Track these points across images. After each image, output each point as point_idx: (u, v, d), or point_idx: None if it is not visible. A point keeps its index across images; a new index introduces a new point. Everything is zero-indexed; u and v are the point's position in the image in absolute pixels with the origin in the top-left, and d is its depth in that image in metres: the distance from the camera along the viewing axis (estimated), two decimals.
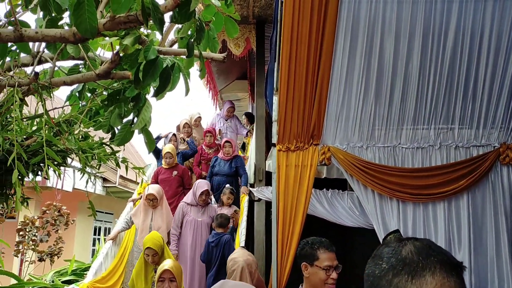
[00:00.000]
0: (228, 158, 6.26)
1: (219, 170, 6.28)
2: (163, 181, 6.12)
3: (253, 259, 2.88)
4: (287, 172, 4.40)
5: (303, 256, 2.28)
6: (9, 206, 2.74)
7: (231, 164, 6.27)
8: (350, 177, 4.48)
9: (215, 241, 4.72)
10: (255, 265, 2.83)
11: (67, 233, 8.40)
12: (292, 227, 4.30)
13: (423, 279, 0.93)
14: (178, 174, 6.18)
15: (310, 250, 2.29)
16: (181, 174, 6.22)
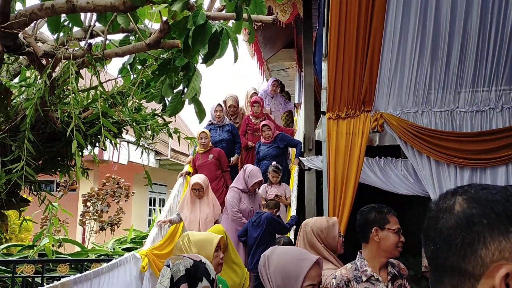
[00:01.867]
0: (270, 141, 6.08)
1: (264, 154, 6.09)
2: (200, 167, 5.92)
3: (327, 225, 2.81)
4: (337, 141, 4.31)
5: (373, 221, 2.25)
6: (71, 177, 2.87)
7: (275, 144, 6.07)
8: (404, 144, 4.34)
9: (257, 220, 4.65)
10: (326, 231, 2.76)
11: (125, 204, 8.79)
12: (344, 196, 4.24)
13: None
14: (214, 157, 5.94)
15: (380, 215, 2.27)
16: (218, 156, 5.97)
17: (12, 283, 4.50)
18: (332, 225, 2.79)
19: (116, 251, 5.89)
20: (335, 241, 2.75)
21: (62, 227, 3.84)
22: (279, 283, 1.66)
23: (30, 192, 2.77)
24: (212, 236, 2.66)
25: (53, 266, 4.94)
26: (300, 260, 1.68)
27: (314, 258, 1.68)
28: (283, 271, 1.67)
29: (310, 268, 1.64)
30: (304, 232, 2.82)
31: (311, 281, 1.64)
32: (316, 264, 1.67)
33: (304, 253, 1.76)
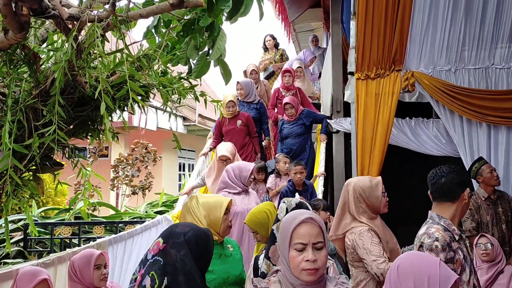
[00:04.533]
0: (294, 118, 5.70)
1: (288, 133, 5.70)
2: (228, 132, 5.67)
3: (370, 184, 2.80)
4: (366, 101, 4.22)
5: (468, 181, 2.28)
6: (102, 141, 2.92)
7: (300, 122, 5.71)
8: (436, 103, 4.21)
9: None
10: (368, 190, 2.77)
11: (155, 169, 8.97)
12: (372, 158, 4.18)
13: None
14: (243, 124, 5.63)
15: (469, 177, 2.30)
16: (246, 122, 5.66)
17: (51, 244, 4.72)
18: (376, 184, 2.78)
19: (149, 214, 6.06)
20: (378, 201, 2.74)
21: (95, 191, 3.97)
22: (280, 244, 1.66)
23: (63, 157, 2.85)
24: (221, 199, 2.66)
25: (89, 228, 5.14)
26: (291, 219, 1.62)
27: (304, 217, 1.59)
28: (281, 231, 1.66)
29: (297, 225, 1.57)
30: (346, 191, 2.82)
31: (300, 239, 1.55)
32: (307, 222, 1.57)
33: (302, 212, 1.66)
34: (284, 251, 1.59)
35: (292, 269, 1.55)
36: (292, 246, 1.56)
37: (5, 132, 2.21)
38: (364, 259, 2.59)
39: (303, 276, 1.54)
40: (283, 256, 1.60)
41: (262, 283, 1.62)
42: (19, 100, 2.29)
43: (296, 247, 1.55)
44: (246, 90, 6.05)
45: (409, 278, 1.39)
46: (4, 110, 2.30)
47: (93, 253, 2.90)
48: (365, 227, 2.66)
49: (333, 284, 1.60)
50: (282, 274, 1.62)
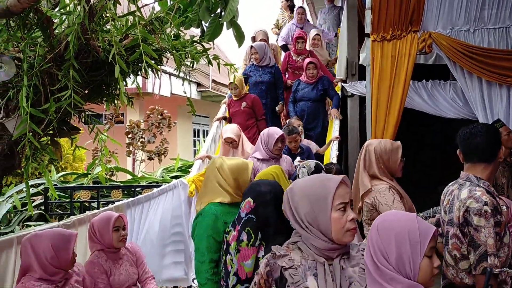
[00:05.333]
0: (313, 81, 5.57)
1: (303, 95, 5.55)
2: (234, 114, 5.60)
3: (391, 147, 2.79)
4: (382, 64, 4.14)
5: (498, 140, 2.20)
6: (117, 106, 2.95)
7: (317, 87, 5.57)
8: (454, 65, 4.12)
9: None
10: (389, 153, 2.75)
11: (170, 135, 9.05)
12: (387, 122, 4.14)
13: None
14: (247, 106, 5.49)
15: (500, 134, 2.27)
16: (251, 104, 5.49)
17: (71, 207, 4.86)
18: (396, 148, 2.78)
19: (165, 179, 6.16)
20: (396, 165, 2.75)
21: (112, 156, 4.05)
22: (307, 209, 1.53)
23: (79, 122, 2.89)
24: (246, 162, 2.65)
25: (107, 192, 5.26)
26: (326, 181, 1.55)
27: (340, 177, 1.55)
28: (309, 195, 1.54)
29: (337, 186, 1.52)
30: (366, 151, 2.81)
31: (341, 200, 1.51)
32: (342, 183, 1.54)
33: (326, 175, 1.63)
34: (320, 215, 1.51)
35: (335, 231, 1.49)
36: (334, 208, 1.50)
37: (22, 96, 2.24)
38: None
39: (346, 237, 1.51)
40: (314, 222, 1.52)
41: (281, 250, 1.57)
42: (34, 65, 2.31)
43: (339, 207, 1.51)
44: (260, 53, 5.94)
45: (390, 235, 1.40)
46: (20, 75, 2.32)
47: (112, 216, 2.98)
48: (386, 185, 2.66)
49: (355, 251, 1.58)
50: (302, 241, 1.57)
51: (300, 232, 1.56)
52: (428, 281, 1.38)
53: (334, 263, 1.52)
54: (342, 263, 1.53)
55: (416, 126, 5.46)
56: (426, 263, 1.37)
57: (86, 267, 2.85)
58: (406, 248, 1.37)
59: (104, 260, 2.91)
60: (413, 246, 1.36)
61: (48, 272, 2.45)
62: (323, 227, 1.50)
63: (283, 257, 1.54)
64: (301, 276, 1.50)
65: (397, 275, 1.37)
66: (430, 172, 6.47)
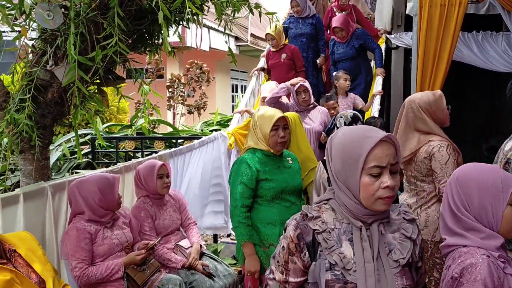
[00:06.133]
0: (345, 40, 5.30)
1: (340, 56, 5.35)
2: (273, 66, 5.45)
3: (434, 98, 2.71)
4: (430, 13, 3.94)
5: None
6: (159, 55, 2.97)
7: (351, 44, 5.29)
8: (508, 14, 3.88)
9: None
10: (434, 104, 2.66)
11: (209, 90, 9.11)
12: (434, 76, 3.98)
13: None
14: (287, 57, 5.30)
15: None
16: (291, 56, 5.31)
17: (117, 156, 5.06)
18: (439, 97, 2.69)
19: (204, 132, 6.27)
20: (444, 114, 2.68)
21: (154, 108, 4.12)
22: (338, 167, 1.35)
23: (124, 71, 2.95)
24: (274, 114, 2.64)
25: (150, 143, 5.43)
26: (363, 138, 1.31)
27: (381, 135, 1.30)
28: (343, 152, 1.34)
29: (374, 146, 1.28)
30: (409, 108, 2.70)
31: (376, 162, 1.29)
32: (383, 142, 1.30)
33: (370, 129, 1.37)
34: (350, 177, 1.32)
35: (364, 198, 1.31)
36: (365, 171, 1.30)
37: (70, 44, 2.30)
38: (435, 172, 2.55)
39: (378, 206, 1.31)
40: (345, 183, 1.35)
41: (312, 211, 1.38)
42: (80, 13, 2.34)
43: (371, 171, 1.30)
44: (302, 5, 5.68)
45: (471, 185, 1.39)
46: (67, 23, 2.37)
47: (156, 164, 3.09)
48: (445, 142, 2.59)
49: (396, 213, 1.42)
50: (335, 200, 1.40)
51: (335, 188, 1.40)
52: (510, 230, 1.38)
53: (372, 228, 1.35)
54: (381, 228, 1.37)
55: (464, 79, 5.24)
56: (509, 212, 1.36)
57: (133, 211, 2.99)
58: (489, 198, 1.37)
59: (149, 205, 3.04)
60: (496, 195, 1.36)
61: (97, 214, 2.60)
62: (353, 190, 1.33)
63: (315, 219, 1.37)
64: (336, 241, 1.35)
65: (478, 224, 1.38)
66: (475, 129, 6.27)
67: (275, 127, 2.60)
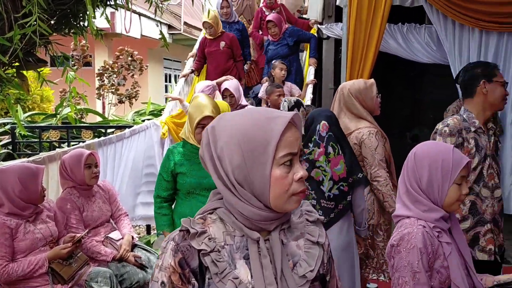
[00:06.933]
0: (278, 38, 5.25)
1: (273, 54, 5.24)
2: (210, 54, 5.23)
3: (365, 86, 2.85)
4: (359, 5, 4.07)
5: (480, 74, 2.27)
6: (85, 37, 2.81)
7: (284, 42, 5.24)
8: (430, 7, 4.10)
9: None
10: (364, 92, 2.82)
11: (141, 79, 8.82)
12: (363, 65, 4.14)
13: None
14: (226, 45, 5.14)
15: (487, 69, 2.29)
16: (230, 44, 5.17)
17: (40, 147, 4.75)
18: (370, 86, 2.85)
19: (136, 122, 6.07)
20: (373, 102, 2.83)
21: (82, 96, 3.92)
22: (236, 161, 1.00)
23: (46, 53, 2.75)
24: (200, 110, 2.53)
25: (77, 134, 5.15)
26: (270, 120, 1.01)
27: (290, 114, 1.03)
28: (244, 140, 1.00)
29: (285, 128, 1.00)
30: (341, 94, 2.86)
31: (288, 149, 1.01)
32: (292, 124, 1.03)
33: (272, 110, 1.07)
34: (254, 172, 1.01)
35: (276, 197, 1.01)
36: (276, 162, 1.00)
37: None
38: (366, 158, 2.71)
39: (290, 204, 1.03)
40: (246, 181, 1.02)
41: (195, 225, 1.04)
42: None
43: (284, 160, 1.01)
44: (231, 7, 5.59)
45: (424, 162, 1.51)
46: None
47: (83, 153, 2.94)
48: (374, 129, 2.75)
49: (297, 215, 1.14)
50: (225, 208, 1.07)
51: (224, 193, 1.05)
52: (452, 205, 1.51)
53: (272, 238, 1.05)
54: (282, 236, 1.08)
55: (391, 71, 5.49)
56: (454, 190, 1.49)
57: (58, 203, 2.83)
58: (438, 175, 1.49)
59: (76, 197, 2.89)
60: (445, 174, 1.49)
61: (18, 206, 2.43)
62: (258, 189, 1.01)
63: (199, 235, 1.03)
64: (228, 262, 1.03)
65: (423, 198, 1.51)
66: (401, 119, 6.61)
67: (201, 125, 2.46)
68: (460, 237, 1.54)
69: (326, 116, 2.58)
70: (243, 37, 5.60)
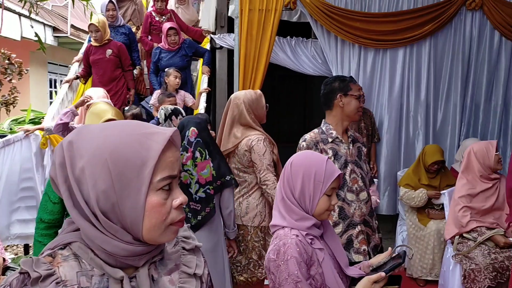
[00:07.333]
0: (176, 47, 5.07)
1: (169, 64, 4.96)
2: (95, 62, 4.92)
3: (255, 96, 3.00)
4: (250, 17, 4.18)
5: (337, 88, 2.43)
6: None
7: (182, 53, 5.10)
8: (315, 23, 4.34)
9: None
10: (256, 102, 2.97)
11: (21, 85, 8.05)
12: (255, 76, 4.24)
13: None
14: (113, 54, 4.90)
15: (343, 83, 2.45)
16: (118, 53, 4.93)
17: None
18: (260, 96, 3.02)
19: (14, 131, 5.52)
20: (263, 111, 3.01)
21: None
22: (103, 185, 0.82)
23: None
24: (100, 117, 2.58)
25: None
26: (146, 136, 0.85)
27: (169, 130, 0.87)
28: (113, 160, 0.82)
29: (165, 147, 0.85)
30: (235, 104, 2.95)
31: (168, 171, 0.86)
32: (171, 143, 0.87)
33: (147, 124, 0.90)
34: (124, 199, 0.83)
35: (151, 227, 0.85)
36: (153, 187, 0.84)
37: None
38: (255, 163, 2.82)
39: (167, 236, 0.88)
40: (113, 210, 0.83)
41: (39, 266, 0.83)
42: None
43: (162, 185, 0.85)
44: (117, 11, 5.35)
45: (299, 172, 1.55)
46: None
47: None
48: (262, 136, 2.89)
49: (172, 244, 0.99)
50: (82, 243, 0.87)
51: (80, 224, 0.85)
52: (322, 214, 1.56)
53: (139, 274, 0.89)
54: (153, 271, 0.92)
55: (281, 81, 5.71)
56: (324, 201, 1.55)
57: None
58: (310, 186, 1.54)
59: None
60: (316, 185, 1.54)
61: None
62: (129, 219, 0.84)
63: (44, 279, 0.82)
64: None
65: (295, 207, 1.55)
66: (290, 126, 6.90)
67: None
68: (333, 242, 1.60)
69: (195, 122, 2.68)
70: (130, 41, 5.38)
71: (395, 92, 4.38)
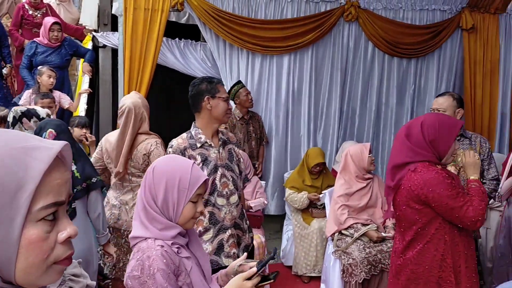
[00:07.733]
0: (57, 44, 4.68)
1: (45, 61, 4.58)
2: None
3: (144, 103, 2.96)
4: (135, 16, 4.02)
5: (204, 91, 2.35)
6: None
7: (62, 50, 4.73)
8: (203, 26, 4.32)
9: None
10: (146, 109, 2.93)
11: None
12: (141, 77, 4.09)
13: None
14: None
15: (210, 85, 2.37)
16: None
17: None
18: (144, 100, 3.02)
19: None
20: (147, 115, 2.96)
21: None
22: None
23: None
24: None
25: None
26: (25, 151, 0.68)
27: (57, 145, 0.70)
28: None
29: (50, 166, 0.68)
30: (137, 113, 2.87)
31: (54, 197, 0.69)
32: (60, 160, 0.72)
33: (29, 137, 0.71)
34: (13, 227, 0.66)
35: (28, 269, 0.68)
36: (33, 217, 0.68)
37: None
38: None
39: (50, 277, 0.71)
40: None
41: None
42: None
43: (45, 214, 0.69)
44: None
45: (162, 179, 1.45)
46: None
47: None
48: (158, 140, 2.90)
49: (57, 284, 0.85)
50: None
51: None
52: (187, 223, 1.48)
53: None
54: None
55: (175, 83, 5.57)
56: (189, 208, 1.46)
57: None
58: (174, 193, 1.44)
59: None
60: (181, 192, 1.44)
61: None
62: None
63: None
64: None
65: (159, 216, 1.44)
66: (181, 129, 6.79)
67: None
68: (197, 250, 1.54)
69: (54, 124, 2.56)
70: (1, 35, 4.84)
71: (282, 97, 4.54)
